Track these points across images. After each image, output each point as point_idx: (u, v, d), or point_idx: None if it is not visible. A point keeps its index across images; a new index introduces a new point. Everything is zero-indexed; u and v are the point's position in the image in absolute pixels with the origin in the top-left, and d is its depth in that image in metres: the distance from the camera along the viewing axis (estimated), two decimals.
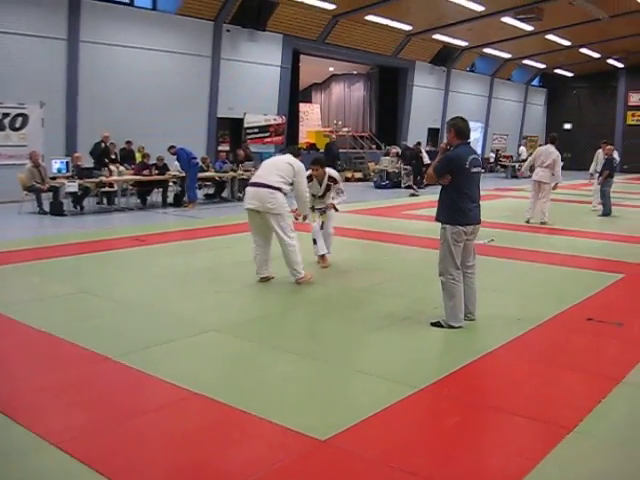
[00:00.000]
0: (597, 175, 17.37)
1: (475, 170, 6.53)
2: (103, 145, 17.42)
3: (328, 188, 9.27)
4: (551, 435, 4.18)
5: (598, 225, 14.78)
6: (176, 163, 17.88)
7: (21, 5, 17.27)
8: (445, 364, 5.44)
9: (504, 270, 9.44)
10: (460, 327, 6.49)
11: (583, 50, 34.17)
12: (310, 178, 9.01)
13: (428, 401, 4.76)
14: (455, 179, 6.46)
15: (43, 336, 6.07)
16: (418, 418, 4.52)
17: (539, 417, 4.47)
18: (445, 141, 6.79)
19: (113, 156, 17.69)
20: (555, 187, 14.40)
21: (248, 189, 8.37)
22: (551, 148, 14.38)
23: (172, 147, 17.07)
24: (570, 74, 41.27)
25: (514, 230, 13.44)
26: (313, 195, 9.12)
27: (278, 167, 8.29)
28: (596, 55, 35.45)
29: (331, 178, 9.26)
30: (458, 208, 6.46)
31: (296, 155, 8.62)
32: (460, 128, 6.53)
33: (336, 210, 9.52)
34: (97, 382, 5.08)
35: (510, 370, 5.48)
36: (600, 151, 17.61)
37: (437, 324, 6.56)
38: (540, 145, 15.26)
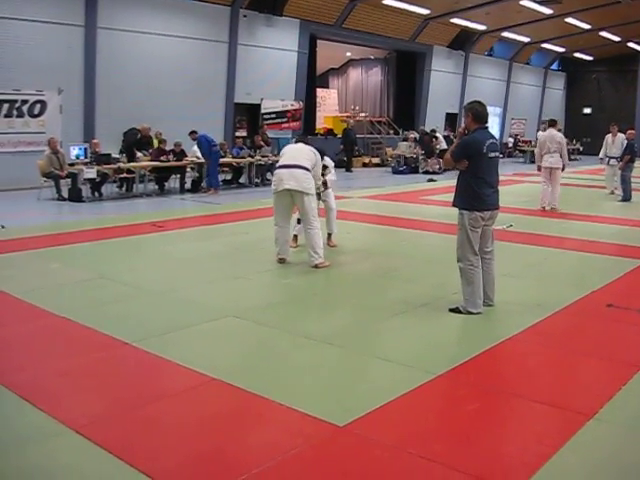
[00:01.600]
0: (607, 159, 17.21)
1: (493, 155, 6.48)
2: (139, 136, 17.45)
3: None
4: (570, 422, 4.16)
5: (618, 210, 14.65)
6: (194, 149, 17.90)
7: None
8: (464, 350, 5.42)
9: (523, 256, 9.39)
10: (479, 313, 6.46)
11: (603, 33, 33.78)
12: None
13: (447, 387, 4.75)
14: (472, 164, 6.40)
15: (62, 321, 6.10)
16: (437, 404, 4.51)
17: (558, 404, 4.44)
18: (463, 125, 6.72)
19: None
20: (563, 169, 14.21)
21: (281, 171, 8.49)
22: (553, 131, 14.19)
23: (194, 132, 17.10)
24: (590, 58, 40.83)
25: (532, 215, 13.36)
26: None
27: (304, 152, 8.62)
28: (616, 38, 35.02)
29: (324, 166, 9.40)
30: (475, 193, 6.41)
31: (306, 144, 8.96)
32: (478, 112, 6.48)
33: (325, 187, 9.53)
34: (116, 367, 5.11)
35: (529, 356, 5.46)
36: (609, 136, 17.42)
37: (456, 310, 6.53)
38: (541, 130, 14.96)
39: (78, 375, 4.91)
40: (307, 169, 8.37)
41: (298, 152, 8.63)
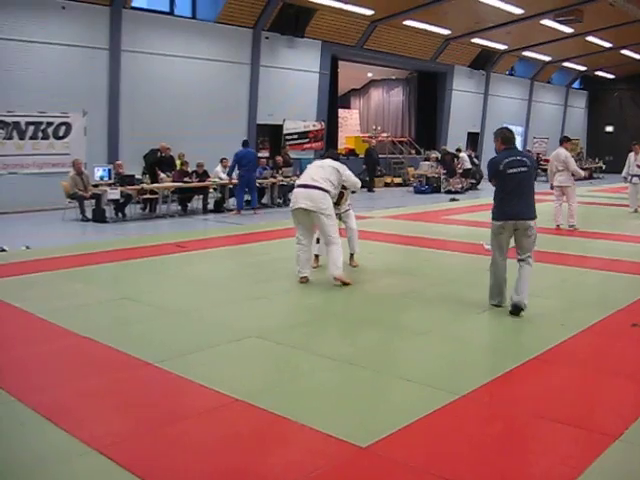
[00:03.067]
0: (630, 178, 17.09)
1: (512, 171, 7.11)
2: (159, 154, 17.62)
3: (341, 195, 9.28)
4: (596, 443, 4.11)
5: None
6: (217, 169, 18.05)
7: (63, 16, 17.56)
8: (487, 370, 5.39)
9: (546, 275, 9.32)
10: (495, 305, 7.34)
11: (624, 51, 33.68)
12: None
13: (471, 408, 4.71)
14: (496, 181, 7.30)
15: (85, 342, 6.13)
16: (460, 425, 4.47)
17: (583, 425, 4.40)
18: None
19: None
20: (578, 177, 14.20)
21: (298, 190, 8.54)
22: (561, 150, 14.05)
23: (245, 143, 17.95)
24: (611, 76, 40.72)
25: (554, 234, 13.27)
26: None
27: (325, 171, 8.58)
28: (637, 56, 34.87)
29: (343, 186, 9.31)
30: (496, 205, 7.29)
31: (335, 159, 8.95)
32: (505, 136, 7.41)
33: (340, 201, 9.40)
34: (138, 388, 5.12)
35: (553, 377, 5.41)
36: (632, 154, 17.33)
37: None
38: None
39: (101, 395, 4.92)
40: (325, 190, 8.36)
41: (319, 171, 8.58)
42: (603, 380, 5.32)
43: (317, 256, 9.57)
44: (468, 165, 25.70)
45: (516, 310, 7.06)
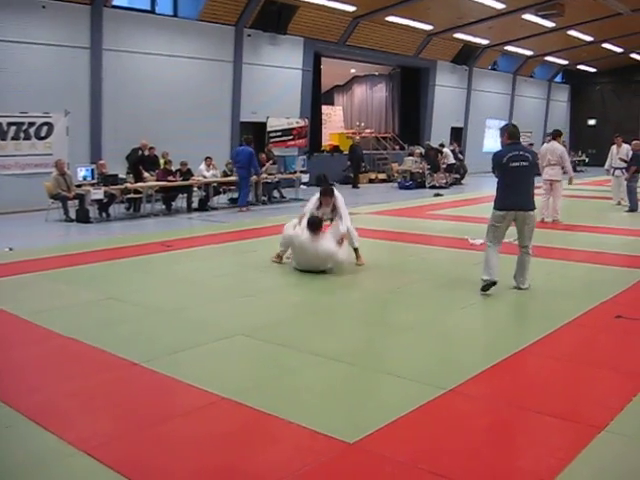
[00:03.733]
0: (613, 170, 17.19)
1: (515, 164, 7.72)
2: (140, 152, 17.54)
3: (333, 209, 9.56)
4: (582, 435, 4.14)
5: (624, 221, 14.63)
6: (201, 168, 18.01)
7: (44, 15, 17.43)
8: (473, 364, 5.40)
9: (531, 268, 9.36)
10: (485, 281, 7.73)
11: (605, 45, 33.86)
12: (320, 203, 9.52)
13: (457, 402, 4.73)
14: (498, 173, 7.92)
15: (71, 343, 6.11)
16: (447, 419, 4.49)
17: (570, 416, 4.43)
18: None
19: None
20: (570, 181, 14.16)
21: (304, 245, 8.89)
22: (555, 144, 14.03)
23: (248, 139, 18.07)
24: (593, 69, 40.93)
25: (539, 228, 13.26)
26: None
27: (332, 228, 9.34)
28: (619, 50, 35.11)
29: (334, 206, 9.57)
30: (498, 196, 7.88)
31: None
32: (511, 131, 8.08)
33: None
34: (125, 388, 5.10)
35: (539, 369, 5.44)
36: (614, 147, 17.42)
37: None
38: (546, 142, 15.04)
39: (88, 396, 4.90)
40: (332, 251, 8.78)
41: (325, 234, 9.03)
42: (589, 372, 5.35)
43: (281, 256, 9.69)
44: (452, 160, 25.74)
45: (518, 288, 8.02)
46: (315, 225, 8.83)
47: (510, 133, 8.03)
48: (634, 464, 3.87)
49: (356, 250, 9.59)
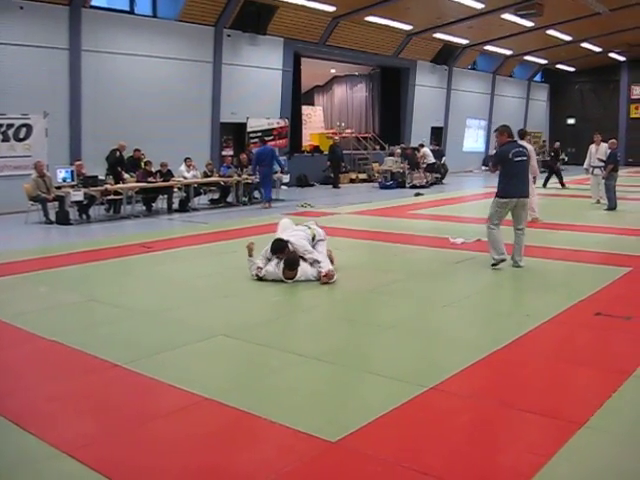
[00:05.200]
0: (592, 169, 17.30)
1: (518, 159, 9.15)
2: (118, 154, 17.46)
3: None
4: (562, 431, 4.17)
5: (603, 219, 14.75)
6: (181, 169, 17.98)
7: (22, 16, 17.32)
8: (454, 362, 5.43)
9: (511, 266, 9.43)
10: (498, 261, 9.11)
11: (584, 44, 34.11)
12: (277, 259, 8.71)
13: (438, 399, 4.75)
14: (503, 167, 9.24)
15: (52, 345, 6.08)
16: (429, 417, 4.51)
17: (550, 413, 4.46)
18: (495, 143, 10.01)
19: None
20: (534, 181, 14.17)
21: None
22: (525, 144, 14.09)
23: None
24: (572, 69, 41.21)
25: None
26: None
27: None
28: (597, 49, 35.39)
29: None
30: (502, 187, 9.19)
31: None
32: (510, 131, 9.57)
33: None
34: (107, 389, 5.09)
35: (519, 366, 5.48)
36: (593, 146, 17.53)
37: (494, 265, 9.18)
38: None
39: (69, 398, 4.89)
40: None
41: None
42: (568, 369, 5.39)
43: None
44: (432, 159, 25.84)
45: (517, 266, 9.22)
46: (293, 264, 8.49)
47: (509, 133, 9.48)
48: (614, 460, 3.91)
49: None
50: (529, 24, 28.07)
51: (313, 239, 8.93)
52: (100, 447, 4.08)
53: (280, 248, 8.59)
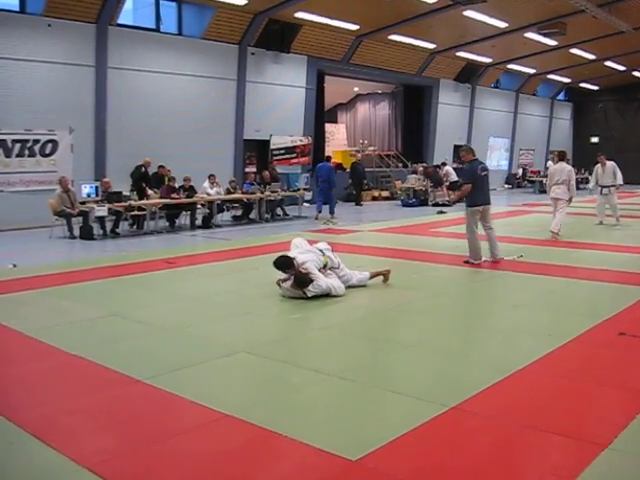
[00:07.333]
0: (600, 189, 17.11)
1: (484, 173, 10.93)
2: (143, 170, 17.59)
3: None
4: (586, 452, 4.12)
5: (625, 239, 14.56)
6: (204, 185, 18.07)
7: (50, 34, 17.59)
8: (476, 382, 5.39)
9: (534, 286, 9.37)
10: (474, 263, 10.75)
11: (608, 63, 34.00)
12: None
13: (460, 419, 4.71)
14: (473, 182, 10.72)
15: (74, 360, 6.11)
16: (450, 437, 4.47)
17: (573, 434, 4.41)
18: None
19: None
20: (570, 200, 14.47)
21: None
22: (563, 164, 14.64)
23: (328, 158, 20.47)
24: (596, 87, 41.03)
25: (542, 245, 13.32)
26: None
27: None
28: (621, 68, 35.25)
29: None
30: (472, 198, 10.80)
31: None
32: (473, 151, 11.22)
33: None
34: (128, 405, 5.10)
35: (542, 387, 5.42)
36: (599, 166, 17.39)
37: (466, 262, 10.89)
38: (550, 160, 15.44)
39: (90, 413, 4.90)
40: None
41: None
42: (592, 389, 5.33)
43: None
44: (454, 177, 25.76)
45: (497, 260, 11.01)
46: (304, 283, 8.49)
47: (473, 152, 11.18)
48: None
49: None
50: (552, 43, 28.06)
51: (325, 266, 8.86)
52: (120, 462, 4.08)
53: (285, 264, 8.65)
